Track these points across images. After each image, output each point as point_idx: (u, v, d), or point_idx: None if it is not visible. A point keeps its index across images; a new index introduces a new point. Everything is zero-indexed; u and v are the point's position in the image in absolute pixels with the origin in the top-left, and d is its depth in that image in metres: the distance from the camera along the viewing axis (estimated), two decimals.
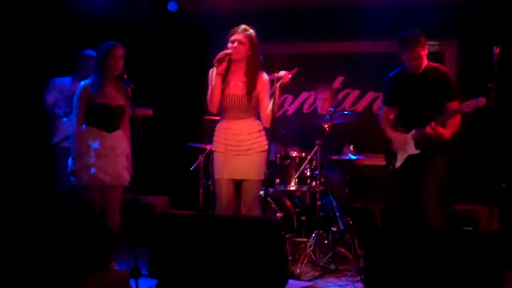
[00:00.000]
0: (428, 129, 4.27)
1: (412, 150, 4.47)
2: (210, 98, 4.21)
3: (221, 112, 4.29)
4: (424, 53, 4.40)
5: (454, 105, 4.33)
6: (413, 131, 4.46)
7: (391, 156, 4.68)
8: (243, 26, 4.20)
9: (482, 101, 4.03)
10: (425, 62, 4.44)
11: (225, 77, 4.21)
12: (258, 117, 4.31)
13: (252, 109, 4.23)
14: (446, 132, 4.31)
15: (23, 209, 3.66)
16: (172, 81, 6.72)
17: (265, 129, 4.29)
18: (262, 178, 4.19)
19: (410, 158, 4.51)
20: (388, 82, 4.68)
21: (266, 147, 4.21)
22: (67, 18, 5.77)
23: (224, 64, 4.15)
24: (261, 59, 4.24)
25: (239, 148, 4.19)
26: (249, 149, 4.19)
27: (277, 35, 6.22)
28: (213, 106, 4.22)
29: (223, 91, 4.20)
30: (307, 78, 6.48)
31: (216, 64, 4.13)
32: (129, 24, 6.15)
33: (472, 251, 3.00)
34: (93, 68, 4.42)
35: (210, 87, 4.23)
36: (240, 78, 4.21)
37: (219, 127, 4.31)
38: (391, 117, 4.76)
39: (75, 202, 4.72)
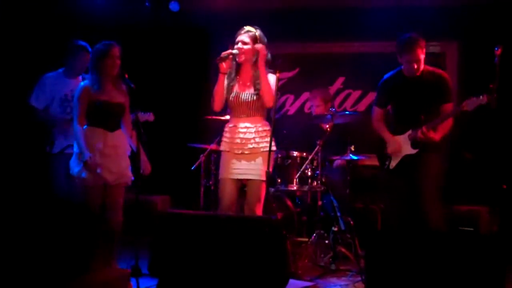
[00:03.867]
0: (419, 134, 4.33)
1: (409, 150, 4.49)
2: (212, 96, 4.24)
3: (230, 111, 4.30)
4: (423, 56, 4.42)
5: (448, 107, 4.39)
6: (410, 131, 4.47)
7: (384, 157, 4.68)
8: (247, 28, 4.24)
9: (483, 99, 4.05)
10: (422, 66, 4.46)
11: (234, 77, 4.24)
12: (266, 118, 4.30)
13: (260, 108, 4.23)
14: (436, 135, 4.35)
15: (24, 211, 3.66)
16: (173, 81, 6.73)
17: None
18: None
19: (406, 157, 4.52)
20: (383, 84, 4.70)
21: (273, 148, 4.18)
22: (68, 19, 5.77)
23: (227, 63, 4.17)
24: (268, 59, 4.23)
25: (244, 146, 4.18)
26: (254, 147, 4.17)
27: (278, 35, 6.18)
28: (216, 104, 4.24)
29: (231, 89, 4.22)
30: (309, 78, 6.49)
31: (218, 62, 4.15)
32: (130, 24, 6.16)
33: (473, 252, 3.01)
34: (90, 67, 4.42)
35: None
36: (248, 78, 4.23)
37: (226, 125, 4.33)
38: (382, 118, 4.77)
39: (75, 202, 4.72)
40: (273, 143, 4.19)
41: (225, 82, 4.23)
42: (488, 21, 5.73)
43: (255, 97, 4.19)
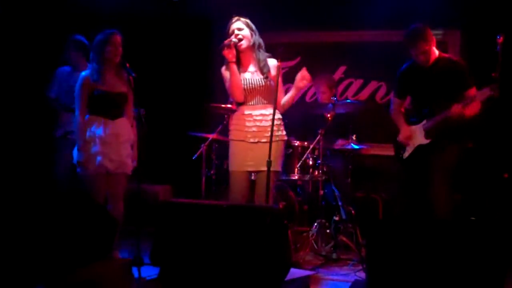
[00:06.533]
0: (453, 109, 4.23)
1: (422, 140, 4.51)
2: (231, 88, 4.11)
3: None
4: (429, 47, 4.37)
5: (472, 92, 4.31)
6: (424, 121, 4.50)
7: (399, 147, 4.71)
8: (236, 17, 4.19)
9: (489, 90, 4.05)
10: (434, 54, 4.44)
11: (238, 67, 4.16)
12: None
13: (270, 94, 4.14)
14: (467, 111, 4.25)
15: (26, 200, 3.66)
16: (174, 70, 6.71)
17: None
18: (280, 169, 4.19)
19: (419, 148, 4.54)
20: (400, 75, 4.69)
21: (285, 138, 4.21)
22: (69, 9, 5.76)
23: (233, 51, 4.09)
24: (261, 43, 4.21)
25: (260, 135, 4.10)
26: (269, 135, 4.06)
27: (280, 24, 6.19)
28: (237, 95, 4.13)
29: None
30: (310, 67, 6.42)
31: (224, 50, 4.07)
32: (131, 14, 6.13)
33: (474, 241, 3.00)
34: (91, 57, 4.42)
35: (228, 81, 4.15)
36: (253, 63, 4.19)
37: (238, 114, 4.20)
38: (402, 109, 4.79)
39: (78, 191, 4.73)
40: (285, 133, 4.23)
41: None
42: (490, 10, 5.70)
43: (264, 82, 4.14)
